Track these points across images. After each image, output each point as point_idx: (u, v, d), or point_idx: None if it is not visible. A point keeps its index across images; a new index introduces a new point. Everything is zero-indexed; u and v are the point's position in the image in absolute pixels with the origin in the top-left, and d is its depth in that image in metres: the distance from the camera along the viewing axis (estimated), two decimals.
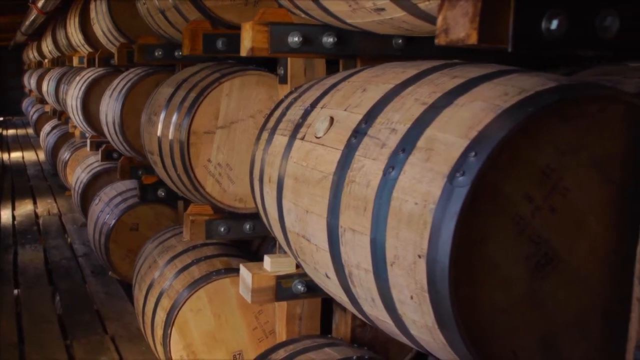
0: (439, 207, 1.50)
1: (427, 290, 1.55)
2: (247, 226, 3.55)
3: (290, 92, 2.56)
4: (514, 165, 1.50)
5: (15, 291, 5.93)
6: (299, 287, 2.64)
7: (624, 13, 1.42)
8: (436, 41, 1.44)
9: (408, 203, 1.59)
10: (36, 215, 8.76)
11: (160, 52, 4.39)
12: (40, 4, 7.44)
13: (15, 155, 14.03)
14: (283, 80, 3.06)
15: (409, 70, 1.97)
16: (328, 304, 3.04)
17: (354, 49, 2.54)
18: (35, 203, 9.50)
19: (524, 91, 1.55)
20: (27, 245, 7.34)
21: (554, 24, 1.35)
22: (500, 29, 1.34)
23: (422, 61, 2.06)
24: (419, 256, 1.55)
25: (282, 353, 2.63)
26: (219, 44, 3.37)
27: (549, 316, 1.59)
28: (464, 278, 1.51)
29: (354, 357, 2.43)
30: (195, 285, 3.60)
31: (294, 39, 2.47)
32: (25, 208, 9.20)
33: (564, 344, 1.62)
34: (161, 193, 4.62)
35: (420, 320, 1.64)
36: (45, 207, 9.22)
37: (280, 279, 2.64)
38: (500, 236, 1.52)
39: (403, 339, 1.85)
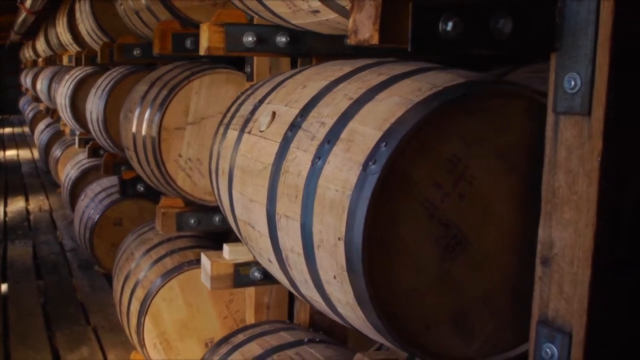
0: (355, 193, 1.64)
1: (346, 270, 1.69)
2: (217, 218, 3.70)
3: (246, 90, 2.70)
4: (423, 155, 1.64)
5: (3, 285, 6.08)
6: (256, 274, 2.78)
7: (517, 16, 1.55)
8: (348, 41, 1.58)
9: (330, 190, 1.73)
10: (27, 212, 8.91)
11: (138, 51, 4.53)
12: (28, 4, 7.58)
13: (11, 153, 14.19)
14: (250, 78, 3.21)
15: (345, 68, 2.11)
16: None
17: (307, 48, 2.68)
18: (27, 200, 9.65)
19: (435, 87, 1.69)
20: (17, 240, 7.48)
21: (450, 26, 1.49)
22: (400, 31, 1.48)
23: (361, 59, 2.20)
24: (339, 239, 1.69)
25: (241, 337, 2.78)
26: (188, 43, 3.51)
27: (460, 294, 1.73)
28: (379, 258, 1.65)
29: (305, 340, 2.57)
30: (167, 276, 3.74)
31: (248, 39, 2.61)
32: (17, 205, 9.35)
33: (474, 320, 1.76)
34: (140, 188, 4.76)
35: (343, 299, 1.78)
36: (37, 203, 9.37)
37: (238, 266, 2.79)
38: (412, 220, 1.66)
39: (335, 317, 1.99)
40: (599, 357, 1.58)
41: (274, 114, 2.17)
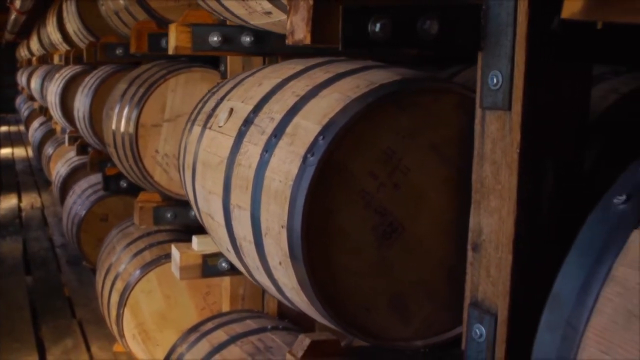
0: (295, 183, 1.76)
1: (289, 256, 1.81)
2: (193, 212, 3.79)
3: (212, 88, 2.81)
4: (359, 147, 1.75)
5: None
6: (224, 264, 2.89)
7: (443, 18, 1.66)
8: (286, 41, 1.69)
9: (275, 181, 1.85)
10: (19, 209, 9.03)
11: (121, 51, 4.64)
12: (17, 4, 7.69)
13: (5, 151, 14.30)
14: (224, 76, 3.32)
15: (298, 66, 2.22)
16: None
17: (271, 48, 2.79)
18: (20, 197, 9.76)
19: (372, 84, 1.81)
20: (7, 237, 7.59)
21: (378, 27, 1.60)
22: (331, 32, 1.59)
23: (314, 58, 2.31)
24: (282, 226, 1.80)
25: (209, 325, 2.89)
26: (163, 42, 3.61)
27: (397, 278, 1.85)
28: (318, 245, 1.76)
29: (269, 327, 2.68)
30: (146, 268, 3.86)
31: (214, 39, 2.72)
32: (9, 202, 9.46)
33: (411, 302, 1.87)
34: (123, 184, 4.87)
35: (289, 284, 1.90)
36: (29, 201, 9.49)
37: (206, 257, 2.90)
38: (349, 208, 1.77)
39: (286, 302, 2.11)
40: (521, 335, 1.69)
41: (231, 110, 2.28)
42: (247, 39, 2.73)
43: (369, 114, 1.73)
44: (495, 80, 1.66)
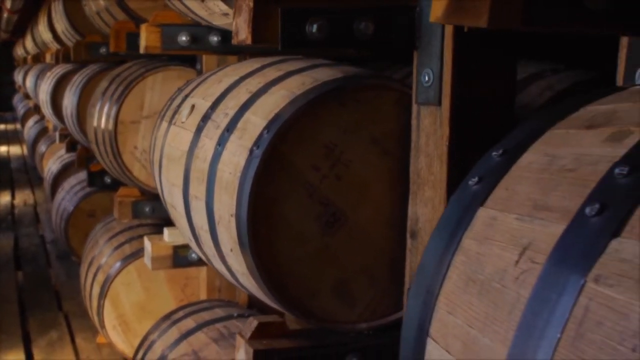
0: (242, 174, 1.87)
1: (238, 243, 1.92)
2: None
3: (181, 86, 2.92)
4: (302, 141, 1.86)
5: None
6: (193, 255, 3.01)
7: (379, 19, 1.77)
8: (232, 41, 1.81)
9: (226, 173, 1.96)
10: (12, 206, 9.14)
11: (104, 49, 4.75)
12: (8, 4, 7.80)
13: (1, 149, 14.41)
14: (200, 74, 3.43)
15: (255, 65, 2.33)
16: None
17: (238, 47, 2.90)
18: (13, 194, 9.88)
19: (316, 81, 1.92)
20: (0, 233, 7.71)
21: (315, 28, 1.71)
22: (271, 33, 1.70)
23: (271, 57, 2.42)
24: (232, 215, 1.92)
25: (180, 314, 3.00)
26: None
27: (340, 265, 1.96)
28: (264, 233, 1.87)
29: (235, 314, 2.79)
30: (125, 261, 3.97)
31: (183, 38, 2.84)
32: (3, 199, 9.58)
33: (355, 288, 1.99)
34: (107, 180, 4.98)
35: (240, 269, 2.01)
36: (22, 198, 9.60)
37: (177, 248, 3.01)
38: (293, 198, 1.88)
39: (240, 287, 2.22)
40: None
41: (192, 106, 2.39)
42: (214, 39, 2.84)
43: (311, 110, 1.85)
44: (427, 78, 1.77)
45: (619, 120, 0.82)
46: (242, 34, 1.73)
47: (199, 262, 3.03)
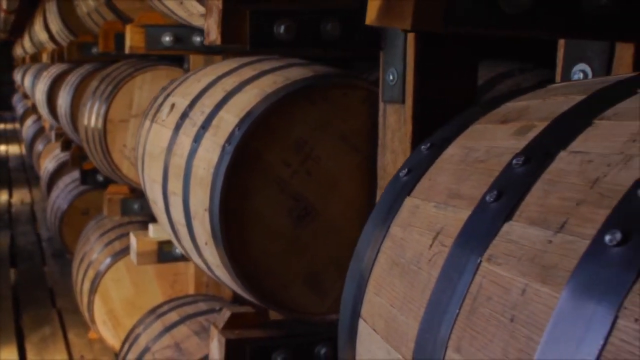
0: (215, 170, 1.94)
1: (212, 237, 1.99)
2: None
3: (165, 85, 2.99)
4: (273, 137, 1.93)
5: None
6: (177, 250, 3.08)
7: (345, 21, 1.84)
8: (205, 42, 1.87)
9: (200, 168, 2.03)
10: (10, 205, 9.21)
11: (96, 49, 4.81)
12: (4, 4, 7.87)
13: (0, 148, 14.48)
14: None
15: (233, 64, 2.40)
16: None
17: (221, 47, 2.96)
18: (10, 193, 9.95)
19: (287, 80, 1.99)
20: None
21: (283, 29, 1.78)
22: (240, 33, 1.77)
23: (251, 57, 2.49)
24: (205, 210, 1.98)
25: (165, 308, 3.07)
26: None
27: (311, 258, 2.03)
28: (236, 226, 1.94)
29: (217, 308, 2.86)
30: (115, 257, 4.04)
31: (167, 39, 2.91)
32: (0, 198, 9.65)
33: (326, 280, 2.05)
34: (99, 178, 5.05)
35: (214, 262, 2.08)
36: (19, 196, 9.67)
37: (162, 244, 3.08)
38: (265, 193, 1.95)
39: (217, 279, 2.29)
40: None
41: (172, 105, 2.46)
42: (197, 39, 2.91)
43: (281, 107, 1.92)
44: (391, 77, 1.84)
45: (528, 115, 0.89)
46: (213, 34, 1.80)
47: (184, 258, 3.10)
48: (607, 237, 0.61)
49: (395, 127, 1.87)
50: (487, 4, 0.92)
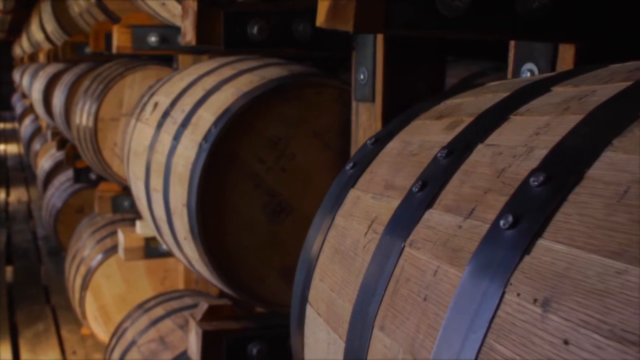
0: (193, 167, 2.00)
1: (190, 232, 2.05)
2: None
3: (152, 84, 3.05)
4: (248, 135, 1.99)
5: None
6: (164, 246, 3.13)
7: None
8: (182, 42, 1.93)
9: (179, 165, 2.09)
10: (7, 203, 9.28)
11: (89, 49, 4.87)
12: (0, 5, 7.93)
13: None
14: None
15: (214, 64, 2.46)
16: None
17: (206, 47, 3.02)
18: (8, 192, 10.01)
19: (263, 79, 2.05)
20: None
21: (256, 30, 1.84)
22: (215, 34, 1.83)
23: (232, 57, 2.55)
24: (184, 205, 2.05)
25: (152, 303, 3.13)
26: None
27: (287, 252, 2.09)
28: (213, 221, 2.00)
29: (204, 293, 2.92)
30: (106, 254, 4.10)
31: (152, 39, 2.96)
32: None
33: None
34: (92, 176, 5.11)
35: (194, 256, 2.14)
36: (17, 195, 9.74)
37: (148, 240, 3.14)
38: (241, 189, 2.01)
39: (197, 273, 2.35)
40: None
41: (156, 104, 2.52)
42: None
43: (257, 105, 1.97)
44: (362, 76, 1.90)
45: (460, 111, 0.95)
46: (189, 35, 1.86)
47: (170, 254, 3.16)
48: (502, 222, 0.67)
49: (366, 124, 1.93)
50: (426, 7, 0.98)
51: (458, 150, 0.83)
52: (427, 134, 0.95)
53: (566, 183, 0.64)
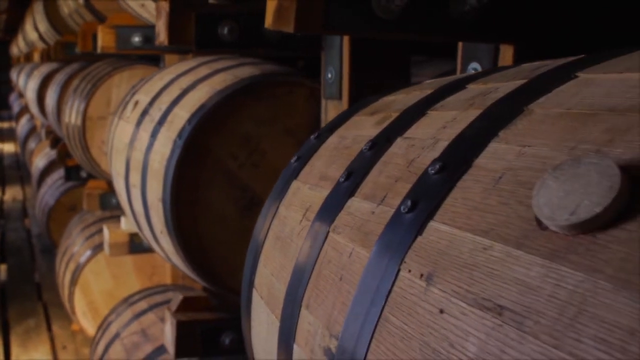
0: (167, 163, 2.07)
1: (165, 225, 2.12)
2: None
3: (135, 84, 3.12)
4: (220, 132, 2.06)
5: None
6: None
7: None
8: (156, 42, 2.00)
9: (155, 162, 2.16)
10: (2, 201, 9.34)
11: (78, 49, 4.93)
12: None
13: None
14: None
15: (193, 63, 2.52)
16: None
17: (189, 47, 3.09)
18: (3, 190, 10.08)
19: (236, 78, 2.11)
20: None
21: (227, 31, 1.91)
22: (187, 35, 1.90)
23: (210, 56, 2.61)
24: (159, 200, 2.11)
25: (136, 297, 3.20)
26: None
27: None
28: (187, 215, 2.07)
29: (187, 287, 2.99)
30: (95, 250, 4.17)
31: (136, 39, 3.03)
32: None
33: None
34: (83, 174, 5.18)
35: (170, 249, 2.21)
36: (12, 194, 9.80)
37: (132, 235, 3.21)
38: (214, 184, 2.08)
39: (176, 267, 2.42)
40: None
41: (136, 102, 2.59)
42: None
43: (229, 103, 2.04)
44: (330, 75, 1.97)
45: (390, 107, 1.02)
46: (162, 35, 1.93)
47: (153, 249, 3.22)
48: (402, 207, 0.74)
49: None
50: (363, 10, 1.05)
51: (380, 143, 0.90)
52: (361, 129, 1.01)
53: (457, 170, 0.71)
